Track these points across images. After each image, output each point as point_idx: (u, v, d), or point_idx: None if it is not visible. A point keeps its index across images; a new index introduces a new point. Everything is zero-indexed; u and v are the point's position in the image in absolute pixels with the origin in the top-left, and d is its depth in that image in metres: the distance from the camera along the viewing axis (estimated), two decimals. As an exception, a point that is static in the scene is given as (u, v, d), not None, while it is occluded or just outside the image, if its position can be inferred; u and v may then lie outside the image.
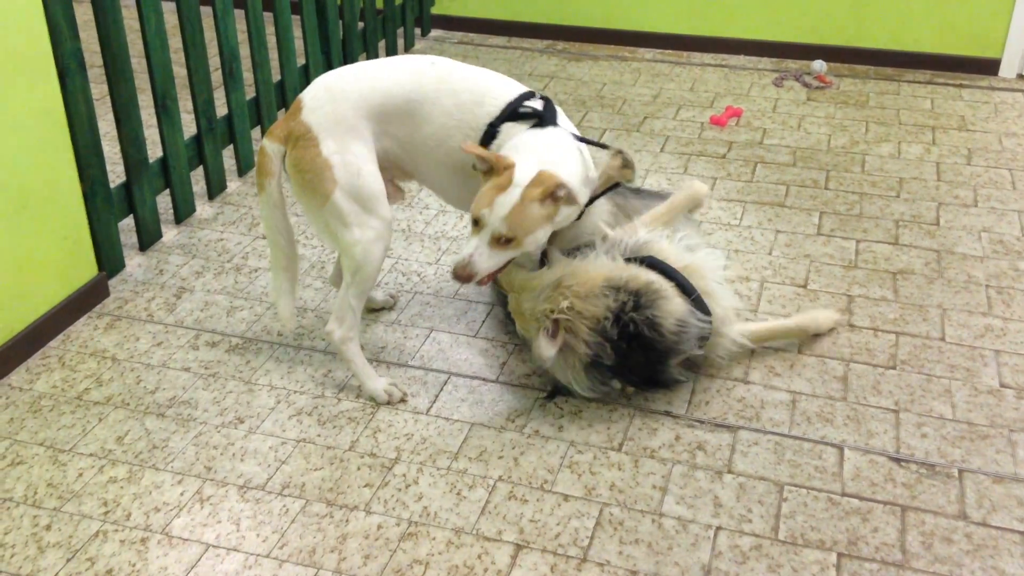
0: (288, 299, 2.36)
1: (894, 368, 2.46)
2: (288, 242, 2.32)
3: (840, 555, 1.93)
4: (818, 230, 3.10)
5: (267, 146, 2.23)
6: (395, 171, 2.40)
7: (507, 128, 2.26)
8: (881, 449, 2.21)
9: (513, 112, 2.27)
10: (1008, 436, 2.24)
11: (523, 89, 2.34)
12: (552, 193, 2.09)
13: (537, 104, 2.31)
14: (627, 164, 2.27)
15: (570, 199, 2.11)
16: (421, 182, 2.43)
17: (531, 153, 2.15)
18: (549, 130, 2.24)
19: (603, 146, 2.35)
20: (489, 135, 2.27)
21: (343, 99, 2.21)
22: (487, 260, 2.12)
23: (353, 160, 2.20)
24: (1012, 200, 3.28)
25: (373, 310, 2.70)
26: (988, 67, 4.33)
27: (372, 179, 2.22)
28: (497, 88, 2.30)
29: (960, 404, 2.34)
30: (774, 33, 4.52)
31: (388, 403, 2.35)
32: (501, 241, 2.11)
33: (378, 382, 2.36)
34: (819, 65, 4.34)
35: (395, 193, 2.45)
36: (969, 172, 3.48)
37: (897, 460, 2.18)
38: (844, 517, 2.02)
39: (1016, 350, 2.53)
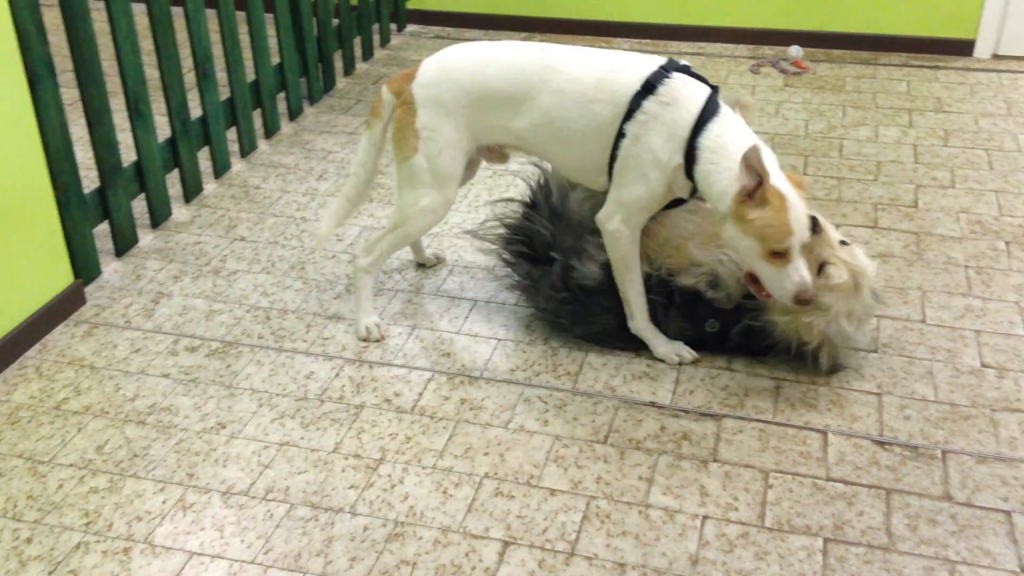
0: (333, 220, 2.60)
1: (876, 351, 2.46)
2: (365, 181, 2.55)
3: (826, 540, 1.94)
4: (798, 216, 3.10)
5: (384, 93, 2.47)
6: (503, 147, 2.51)
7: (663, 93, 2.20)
8: (865, 433, 2.21)
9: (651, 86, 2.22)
10: (990, 416, 2.24)
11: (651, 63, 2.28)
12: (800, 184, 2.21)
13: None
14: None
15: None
16: (540, 157, 2.47)
17: (763, 157, 2.10)
18: (722, 120, 2.19)
19: None
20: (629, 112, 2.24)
21: (449, 83, 2.37)
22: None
23: (439, 139, 2.39)
24: (989, 180, 3.29)
25: (420, 264, 2.90)
26: (963, 48, 4.34)
27: (450, 161, 2.42)
28: (622, 65, 2.28)
29: (942, 385, 2.35)
30: (750, 19, 4.52)
31: (366, 340, 2.55)
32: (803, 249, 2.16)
33: (368, 318, 2.57)
34: (795, 50, 4.34)
35: (499, 158, 2.58)
36: (946, 154, 3.49)
37: (881, 443, 2.18)
38: (829, 502, 2.03)
39: (996, 329, 2.53)
